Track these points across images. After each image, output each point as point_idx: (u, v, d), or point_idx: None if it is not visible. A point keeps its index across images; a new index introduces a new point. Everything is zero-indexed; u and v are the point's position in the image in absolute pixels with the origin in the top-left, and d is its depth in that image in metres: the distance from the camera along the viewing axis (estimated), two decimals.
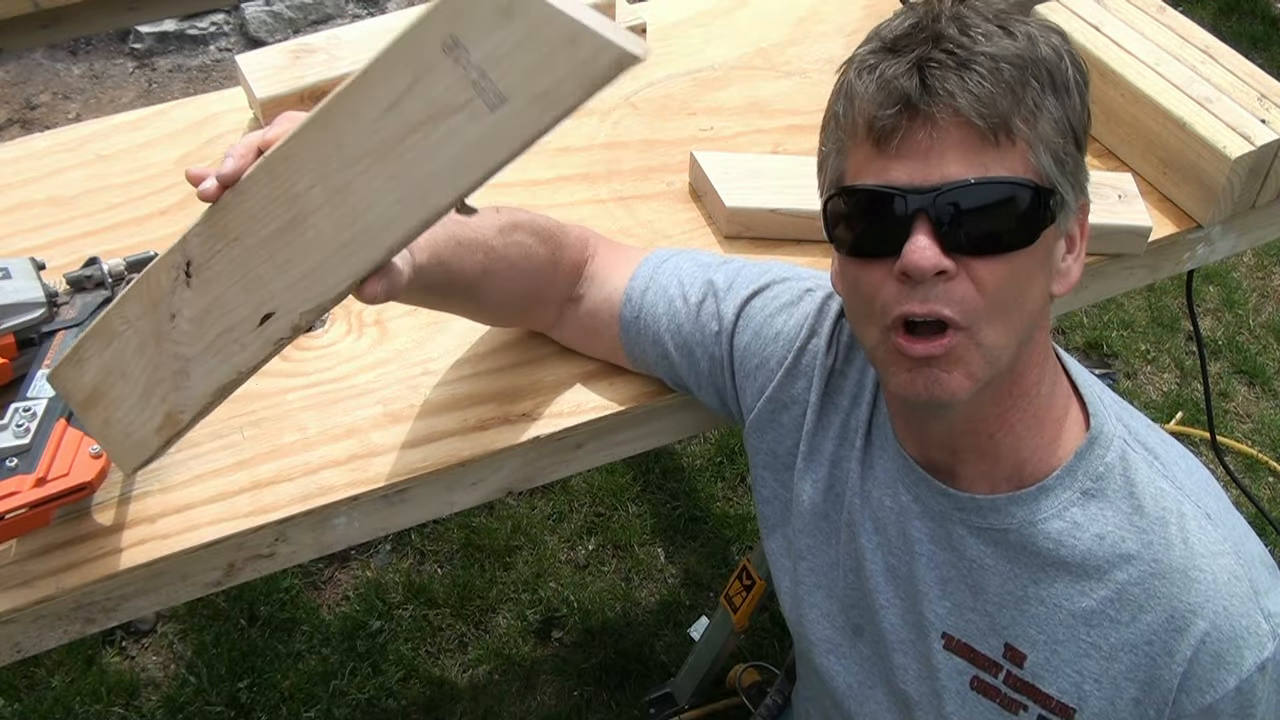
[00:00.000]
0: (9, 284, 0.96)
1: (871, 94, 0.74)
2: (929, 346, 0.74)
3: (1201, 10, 3.59)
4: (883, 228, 0.74)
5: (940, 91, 0.71)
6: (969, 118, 0.71)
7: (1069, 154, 0.75)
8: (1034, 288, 0.77)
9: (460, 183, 0.68)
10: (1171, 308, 2.71)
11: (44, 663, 1.91)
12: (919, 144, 0.73)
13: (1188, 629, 0.79)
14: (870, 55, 0.75)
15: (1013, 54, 0.72)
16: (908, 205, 0.73)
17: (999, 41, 0.72)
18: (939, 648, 0.89)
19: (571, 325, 1.03)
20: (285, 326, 0.75)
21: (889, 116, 0.73)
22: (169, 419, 0.81)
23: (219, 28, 3.29)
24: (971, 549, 0.86)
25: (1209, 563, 0.80)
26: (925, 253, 0.72)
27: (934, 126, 0.72)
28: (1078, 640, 0.83)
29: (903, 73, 0.72)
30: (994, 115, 0.71)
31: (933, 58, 0.72)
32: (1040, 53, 0.73)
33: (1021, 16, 0.76)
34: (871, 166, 0.75)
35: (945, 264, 0.72)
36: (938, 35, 0.73)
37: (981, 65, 0.71)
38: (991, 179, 0.72)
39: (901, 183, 0.73)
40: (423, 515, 1.00)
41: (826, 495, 0.94)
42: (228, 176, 0.72)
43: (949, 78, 0.71)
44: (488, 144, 0.67)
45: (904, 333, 0.75)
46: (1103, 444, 0.83)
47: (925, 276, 0.73)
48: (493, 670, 1.96)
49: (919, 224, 0.73)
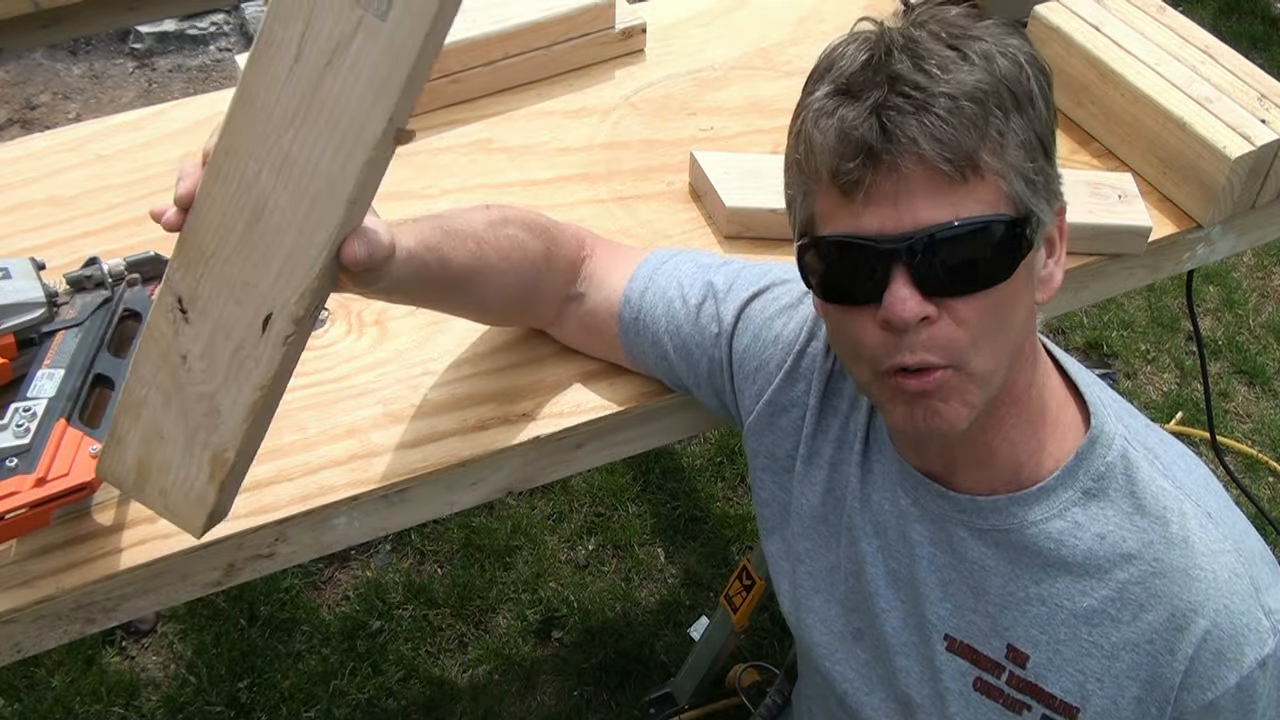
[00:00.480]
0: (9, 284, 0.96)
1: (831, 145, 0.72)
2: (922, 382, 0.74)
3: (1201, 10, 3.59)
4: (860, 276, 0.74)
5: (902, 139, 0.69)
6: (934, 162, 0.69)
7: (1039, 171, 0.74)
8: (1017, 312, 0.76)
9: (384, 105, 0.69)
10: (1171, 308, 2.71)
11: (44, 663, 1.91)
12: (886, 192, 0.71)
13: (1189, 627, 0.79)
14: (827, 100, 0.73)
15: (971, 87, 0.70)
16: (881, 255, 0.72)
17: (956, 74, 0.70)
18: (941, 650, 0.89)
19: (572, 324, 1.03)
20: (287, 322, 0.75)
21: (852, 169, 0.71)
22: (215, 462, 0.79)
23: (219, 28, 3.29)
24: (973, 550, 0.86)
25: (1209, 561, 0.80)
26: (908, 304, 0.71)
27: (899, 174, 0.70)
28: (1079, 640, 0.83)
29: (861, 120, 0.70)
30: (959, 155, 0.70)
31: (890, 103, 0.70)
32: (999, 73, 0.71)
33: (977, 28, 0.73)
34: (841, 215, 0.74)
35: (928, 310, 0.72)
36: (893, 77, 0.70)
37: (940, 107, 0.69)
38: (965, 221, 0.71)
39: (872, 231, 0.72)
40: (423, 515, 1.00)
41: (826, 499, 0.94)
42: (184, 197, 0.73)
43: (909, 124, 0.69)
44: (392, 55, 0.68)
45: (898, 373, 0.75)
46: (1103, 444, 0.83)
47: (909, 326, 0.72)
48: (493, 670, 1.96)
49: (896, 272, 0.72)
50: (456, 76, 1.31)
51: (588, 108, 1.34)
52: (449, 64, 1.30)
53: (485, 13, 1.32)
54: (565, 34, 1.35)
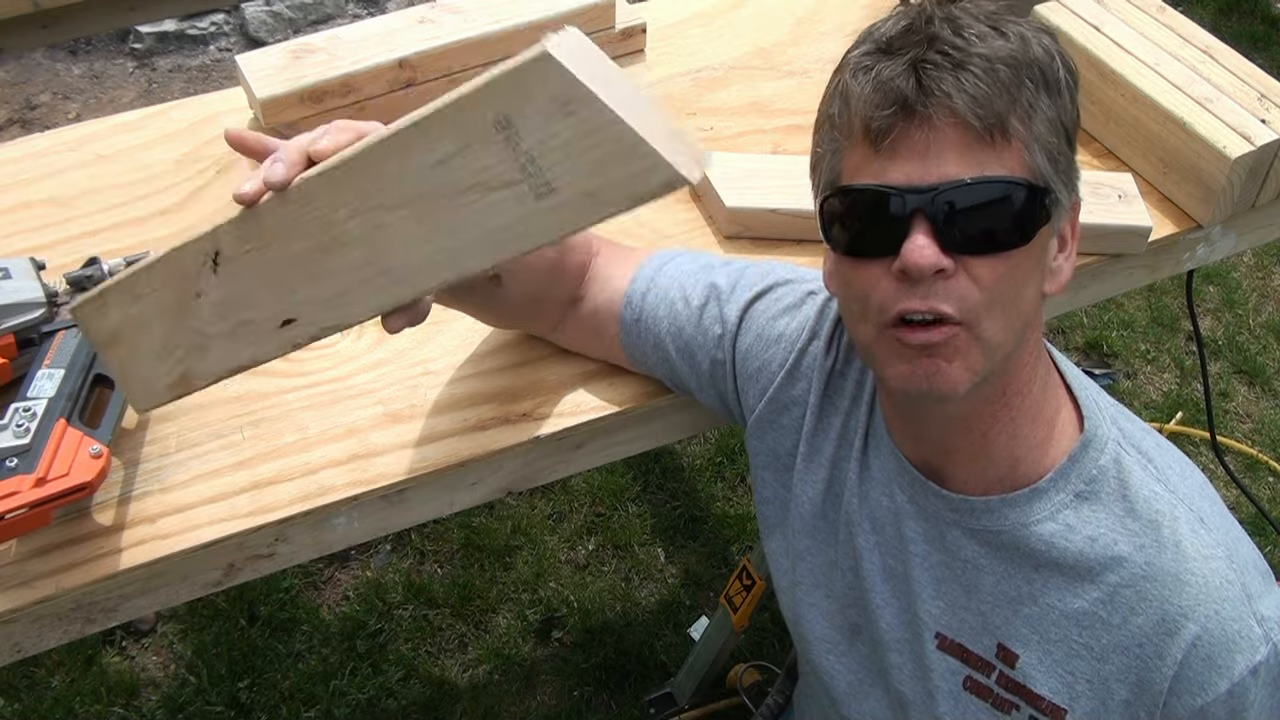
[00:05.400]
0: (9, 284, 0.96)
1: (867, 95, 0.74)
2: (928, 334, 0.74)
3: (1201, 10, 3.59)
4: (880, 227, 0.75)
5: (936, 92, 0.71)
6: (965, 118, 0.71)
7: (1062, 153, 0.76)
8: (1029, 287, 0.77)
9: (497, 255, 0.67)
10: (1171, 308, 2.71)
11: (44, 663, 1.91)
12: (916, 144, 0.73)
13: (1178, 632, 0.79)
14: (865, 57, 0.75)
15: (1007, 54, 0.72)
16: (906, 204, 0.73)
17: (992, 42, 0.72)
18: (932, 647, 0.89)
19: (573, 326, 1.03)
20: (304, 335, 0.75)
21: (885, 117, 0.73)
22: (182, 380, 0.81)
23: (219, 28, 3.29)
24: (966, 550, 0.86)
25: (1201, 566, 0.80)
26: (925, 251, 0.72)
27: (930, 127, 0.72)
28: (1069, 641, 0.83)
29: (899, 74, 0.73)
30: (990, 115, 0.71)
31: (928, 59, 0.72)
32: (1033, 53, 0.74)
33: (1013, 18, 0.76)
34: (868, 167, 0.75)
35: (944, 262, 0.73)
36: (932, 37, 0.73)
37: (977, 66, 0.71)
38: (989, 178, 0.72)
39: (899, 182, 0.73)
40: (423, 515, 1.00)
41: (825, 496, 0.94)
42: (276, 184, 0.70)
43: (945, 78, 0.71)
44: (530, 227, 0.65)
45: (902, 325, 0.75)
46: (1096, 446, 0.83)
47: (925, 275, 0.73)
48: (493, 670, 1.96)
49: (917, 223, 0.73)
50: (456, 76, 1.31)
51: None
52: (449, 64, 1.30)
53: (485, 13, 1.32)
54: None
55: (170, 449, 0.96)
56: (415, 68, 1.27)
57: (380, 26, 1.30)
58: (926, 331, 0.74)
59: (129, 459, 0.95)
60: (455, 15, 1.32)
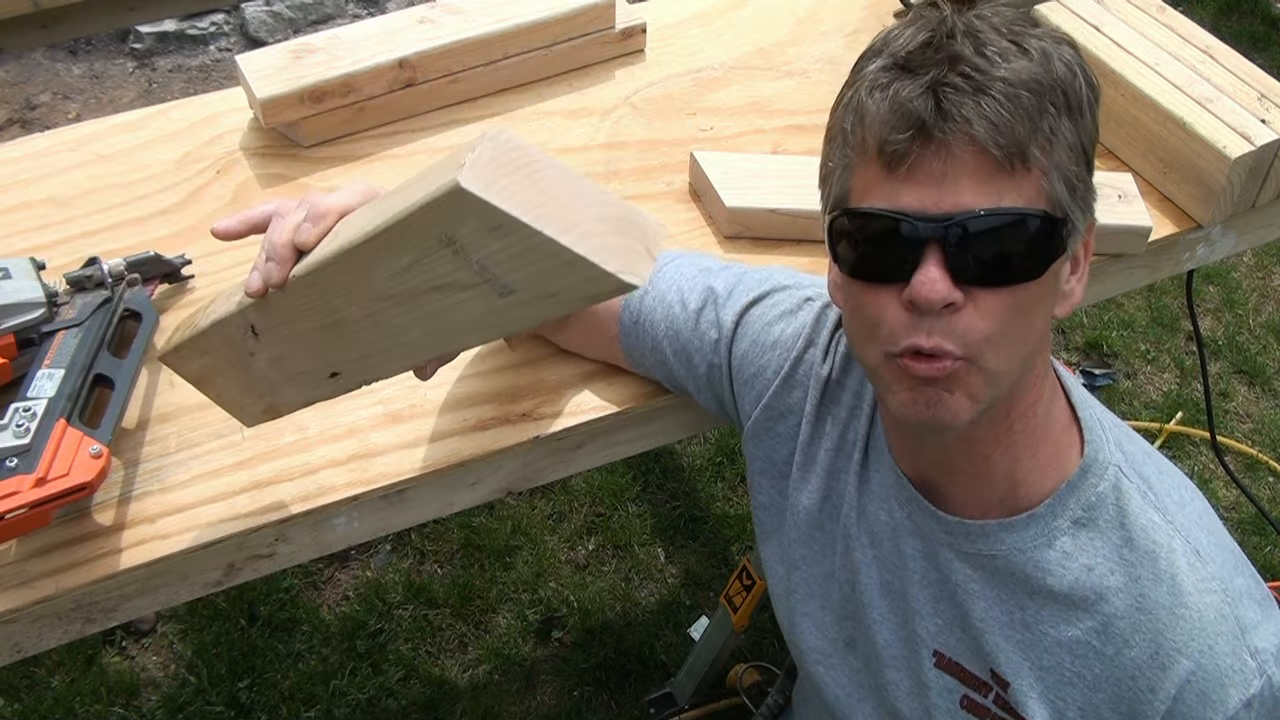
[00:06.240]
0: (9, 284, 0.96)
1: (884, 115, 0.71)
2: (932, 367, 0.72)
3: (1201, 10, 3.59)
4: (891, 253, 0.72)
5: (957, 118, 0.68)
6: (985, 146, 0.68)
7: (1081, 179, 0.73)
8: (1039, 317, 0.75)
9: (485, 336, 0.71)
10: (1171, 308, 2.71)
11: (44, 663, 1.91)
12: (932, 170, 0.70)
13: (1172, 666, 0.78)
14: (882, 73, 0.72)
15: (1030, 78, 0.69)
16: (919, 232, 0.70)
17: (1015, 63, 0.69)
18: (930, 665, 0.88)
19: (573, 327, 1.03)
20: (353, 383, 0.81)
21: (901, 140, 0.70)
22: (271, 409, 0.88)
23: (219, 28, 3.29)
24: (958, 573, 0.85)
25: (1195, 600, 0.79)
26: (936, 285, 0.70)
27: (948, 153, 0.69)
28: (1062, 668, 0.82)
29: (917, 95, 0.69)
30: (1011, 143, 0.69)
31: (948, 81, 0.69)
32: (1056, 73, 0.71)
33: (1033, 29, 0.73)
34: (880, 189, 0.73)
35: (955, 296, 0.70)
36: (954, 56, 0.70)
37: (999, 91, 0.68)
38: (1006, 209, 0.70)
39: (913, 209, 0.71)
40: (423, 515, 1.00)
41: (822, 506, 0.94)
42: (275, 284, 0.75)
43: (965, 103, 0.68)
44: (504, 318, 0.67)
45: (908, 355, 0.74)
46: (1096, 472, 0.82)
47: (934, 309, 0.71)
48: (493, 670, 1.96)
49: (930, 253, 0.70)
50: (456, 76, 1.31)
51: (588, 108, 1.34)
52: (449, 64, 1.30)
53: (485, 13, 1.32)
54: (565, 34, 1.35)
55: (170, 449, 0.96)
56: (415, 68, 1.27)
57: (380, 26, 1.30)
58: (930, 364, 0.72)
59: (129, 459, 0.95)
60: (455, 15, 1.32)
